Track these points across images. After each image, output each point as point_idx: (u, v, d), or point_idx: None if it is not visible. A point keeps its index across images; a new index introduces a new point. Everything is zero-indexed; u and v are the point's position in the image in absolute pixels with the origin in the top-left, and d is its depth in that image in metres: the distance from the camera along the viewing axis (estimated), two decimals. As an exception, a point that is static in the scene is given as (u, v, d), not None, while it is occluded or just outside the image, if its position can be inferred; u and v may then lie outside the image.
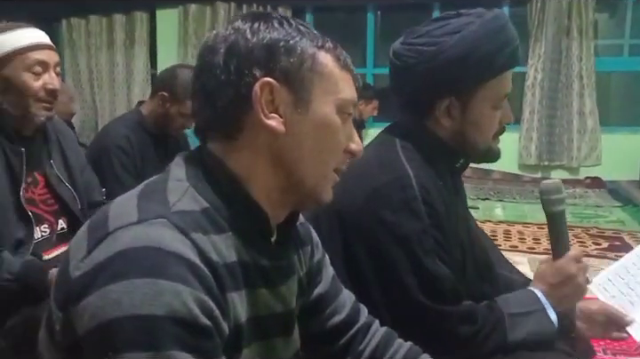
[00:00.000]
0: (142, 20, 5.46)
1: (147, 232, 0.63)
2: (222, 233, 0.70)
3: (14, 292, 1.50)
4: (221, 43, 0.74)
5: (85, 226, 0.72)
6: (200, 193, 0.71)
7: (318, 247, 0.95)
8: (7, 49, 1.58)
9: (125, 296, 0.59)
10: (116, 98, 5.60)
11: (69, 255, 0.69)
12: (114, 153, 2.25)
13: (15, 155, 1.65)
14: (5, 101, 1.62)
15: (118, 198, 0.74)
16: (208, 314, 0.62)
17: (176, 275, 0.61)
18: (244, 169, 0.74)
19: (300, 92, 0.73)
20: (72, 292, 0.63)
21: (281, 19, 0.75)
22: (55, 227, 1.79)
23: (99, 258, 0.63)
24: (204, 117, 0.75)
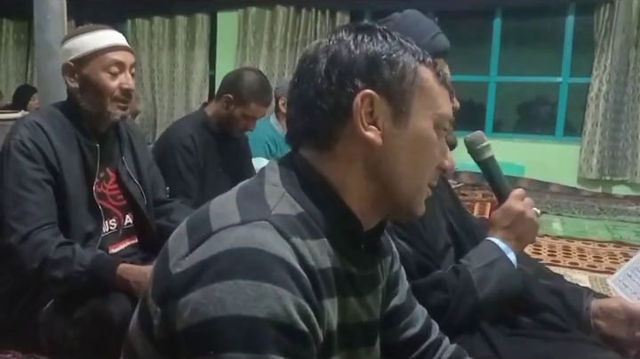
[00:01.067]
0: (203, 22, 5.57)
1: (250, 233, 0.64)
2: (317, 238, 0.70)
3: (84, 284, 1.54)
4: (323, 52, 0.74)
5: (183, 225, 0.73)
6: (295, 198, 0.72)
7: (396, 257, 0.95)
8: (87, 49, 1.64)
9: (229, 296, 0.60)
10: (175, 97, 5.73)
11: (168, 252, 0.70)
12: (179, 152, 2.30)
13: (90, 151, 1.71)
14: (83, 99, 1.68)
15: (216, 199, 0.75)
16: (306, 319, 0.62)
17: (278, 279, 0.61)
18: (337, 177, 0.74)
19: (400, 106, 0.73)
20: (172, 288, 0.65)
21: (384, 32, 0.75)
22: (122, 221, 1.84)
23: (202, 256, 0.64)
24: (301, 125, 0.76)
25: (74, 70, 1.67)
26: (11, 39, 6.35)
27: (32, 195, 1.56)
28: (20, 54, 6.36)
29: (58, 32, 2.42)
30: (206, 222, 0.68)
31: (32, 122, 1.63)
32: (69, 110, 1.72)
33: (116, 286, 1.53)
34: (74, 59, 1.66)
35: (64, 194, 1.63)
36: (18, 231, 1.53)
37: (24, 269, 1.56)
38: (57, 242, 1.55)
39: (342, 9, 5.09)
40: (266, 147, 2.83)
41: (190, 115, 2.61)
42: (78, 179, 1.68)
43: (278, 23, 5.25)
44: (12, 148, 1.58)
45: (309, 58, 0.76)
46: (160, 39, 5.67)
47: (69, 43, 1.68)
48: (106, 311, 1.51)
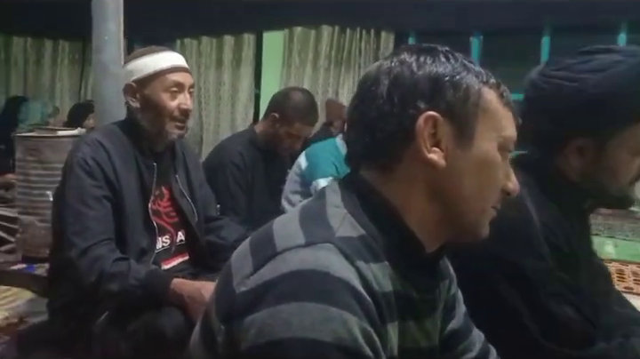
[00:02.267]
0: (249, 42, 5.68)
1: (315, 256, 0.64)
2: (379, 261, 0.70)
3: (138, 298, 1.58)
4: (385, 74, 0.75)
5: (246, 244, 0.75)
6: (357, 220, 0.72)
7: (454, 281, 0.93)
8: (149, 70, 1.70)
9: (295, 318, 0.60)
10: (221, 115, 5.84)
11: (231, 270, 0.71)
12: (229, 169, 2.34)
13: (147, 169, 1.76)
14: (144, 119, 1.73)
15: (278, 219, 0.76)
16: (371, 344, 0.62)
17: (344, 303, 0.61)
18: (399, 199, 0.74)
19: (464, 128, 0.73)
20: (237, 307, 0.65)
21: (447, 54, 0.75)
22: (175, 238, 1.88)
23: (267, 276, 0.65)
24: (362, 146, 0.76)
25: (135, 90, 1.73)
26: (66, 59, 6.60)
27: (92, 212, 1.61)
28: (75, 73, 6.60)
29: (114, 53, 2.51)
30: (270, 243, 0.69)
31: (94, 140, 1.69)
32: (129, 129, 1.77)
33: (169, 301, 1.56)
34: (136, 79, 1.72)
35: (122, 210, 1.68)
36: (77, 246, 1.58)
37: (81, 282, 1.61)
38: (113, 257, 1.59)
39: (387, 28, 5.10)
40: (333, 167, 2.84)
41: (239, 133, 2.66)
42: (135, 196, 1.72)
43: (323, 42, 5.30)
44: (75, 165, 1.64)
45: (370, 79, 0.76)
46: (207, 58, 5.80)
47: (132, 64, 1.75)
48: (159, 325, 1.54)
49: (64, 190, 1.66)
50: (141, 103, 1.73)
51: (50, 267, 1.91)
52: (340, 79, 5.29)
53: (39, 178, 2.71)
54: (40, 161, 2.70)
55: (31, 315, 2.22)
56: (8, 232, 2.88)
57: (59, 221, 1.70)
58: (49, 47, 6.64)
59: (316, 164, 2.84)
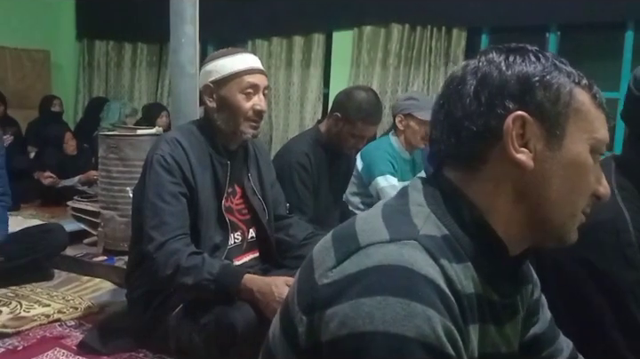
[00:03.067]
0: (319, 42, 5.70)
1: (400, 252, 0.64)
2: (461, 262, 0.69)
3: (211, 291, 1.63)
4: (472, 74, 0.73)
5: (328, 238, 0.74)
6: (440, 219, 0.71)
7: (537, 285, 0.90)
8: (226, 72, 1.75)
9: (378, 311, 0.59)
10: (290, 114, 5.90)
11: (313, 263, 0.72)
12: (295, 169, 2.35)
13: (221, 167, 1.81)
14: (219, 118, 1.78)
15: (361, 215, 0.76)
16: (453, 344, 0.61)
17: (428, 300, 0.61)
18: (484, 200, 0.73)
19: (554, 129, 0.70)
20: (319, 299, 0.66)
21: (537, 53, 0.73)
22: (246, 235, 1.92)
23: (350, 269, 0.65)
24: (446, 145, 0.75)
25: (212, 91, 1.78)
26: (144, 61, 6.88)
27: (169, 207, 1.67)
28: (152, 75, 6.86)
29: (190, 54, 2.60)
30: (353, 237, 0.69)
31: (173, 138, 1.75)
32: (205, 128, 1.83)
33: (240, 295, 1.60)
34: (213, 80, 1.77)
35: (197, 206, 1.73)
36: (155, 239, 1.65)
37: (157, 275, 1.68)
38: (189, 251, 1.65)
39: (459, 25, 4.99)
40: (390, 166, 2.81)
41: (305, 133, 2.67)
42: (210, 193, 1.78)
43: (393, 41, 5.24)
44: (154, 162, 1.71)
45: (457, 79, 0.75)
46: (277, 59, 5.88)
47: (210, 65, 1.80)
48: (230, 318, 1.58)
49: (143, 186, 1.73)
50: (218, 103, 1.78)
51: (129, 260, 2.00)
52: (409, 78, 5.22)
53: (119, 174, 2.84)
54: (120, 158, 2.84)
55: (111, 304, 2.34)
56: (91, 226, 3.04)
57: (138, 215, 1.78)
58: (128, 50, 6.94)
59: (372, 164, 2.82)
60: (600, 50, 5.05)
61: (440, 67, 5.07)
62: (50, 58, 6.93)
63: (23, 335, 2.03)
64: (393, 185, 2.76)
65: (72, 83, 7.26)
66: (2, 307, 2.25)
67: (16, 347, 1.94)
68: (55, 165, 4.70)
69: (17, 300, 2.33)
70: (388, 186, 2.75)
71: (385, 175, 2.77)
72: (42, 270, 2.67)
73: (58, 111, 5.92)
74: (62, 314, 2.22)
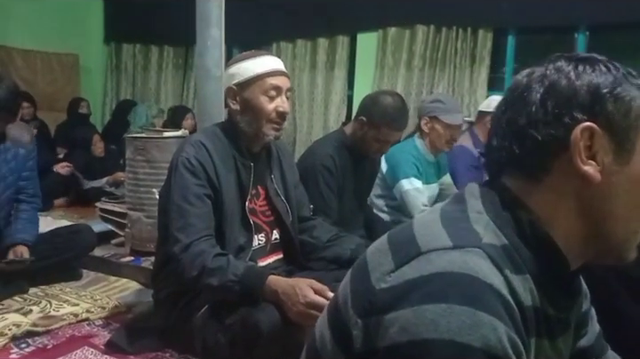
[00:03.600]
0: (343, 44, 5.71)
1: (464, 259, 0.63)
2: (520, 274, 0.67)
3: (235, 293, 1.64)
4: (538, 81, 0.72)
5: (384, 241, 0.74)
6: (500, 228, 0.69)
7: (587, 297, 0.89)
8: (250, 74, 1.77)
9: (443, 319, 0.58)
10: (314, 117, 5.91)
11: (367, 266, 0.71)
12: (320, 171, 2.35)
13: (245, 169, 1.83)
14: (242, 120, 1.80)
15: (418, 220, 0.75)
16: (518, 355, 0.60)
17: (493, 310, 0.59)
18: (545, 211, 0.71)
19: (623, 142, 0.69)
20: (377, 303, 0.65)
21: (607, 64, 0.72)
22: (270, 236, 1.93)
23: (411, 275, 0.64)
24: (508, 153, 0.73)
25: (236, 93, 1.80)
26: (170, 63, 6.97)
27: (194, 209, 1.69)
28: (178, 77, 6.95)
29: (216, 57, 2.62)
30: (413, 242, 0.68)
31: (197, 141, 1.77)
32: (228, 130, 1.85)
33: (264, 296, 1.61)
34: (236, 83, 1.79)
35: (221, 208, 1.75)
36: (181, 241, 1.67)
37: (183, 276, 1.69)
38: (214, 252, 1.66)
39: (485, 26, 4.94)
40: (414, 168, 2.79)
41: (330, 135, 2.66)
42: (234, 195, 1.79)
43: (417, 42, 5.22)
44: (180, 165, 1.73)
45: (522, 86, 0.73)
46: (302, 61, 5.90)
47: (233, 68, 1.82)
48: (254, 320, 1.59)
49: (169, 188, 1.76)
50: (241, 106, 1.80)
51: (155, 261, 2.03)
52: (434, 80, 5.18)
53: (146, 176, 2.88)
54: (147, 160, 2.88)
55: (138, 304, 2.37)
56: (118, 226, 3.09)
57: (164, 217, 1.80)
58: (155, 53, 7.04)
59: (396, 166, 2.80)
60: (630, 50, 4.94)
61: (465, 68, 5.03)
62: (79, 61, 7.06)
63: (53, 334, 2.07)
64: (417, 188, 2.75)
65: (100, 86, 7.39)
66: (32, 305, 2.30)
67: (46, 345, 1.98)
68: (83, 167, 4.79)
69: (47, 300, 2.37)
70: (413, 189, 2.73)
71: (409, 178, 2.75)
72: (70, 270, 2.71)
73: (85, 113, 6.02)
74: (90, 313, 2.25)
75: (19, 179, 2.54)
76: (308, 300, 1.53)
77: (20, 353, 1.92)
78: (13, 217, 2.55)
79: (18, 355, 1.91)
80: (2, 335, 2.00)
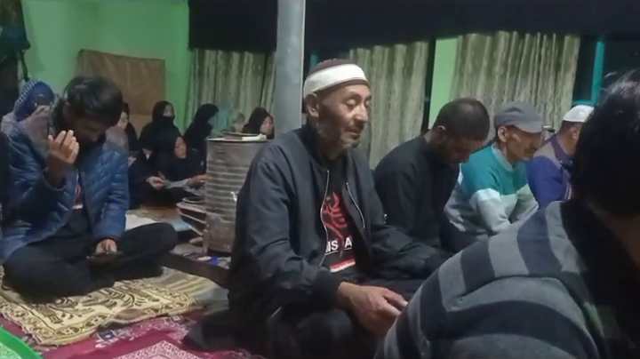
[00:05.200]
0: (421, 50, 5.65)
1: (540, 289, 0.60)
2: (601, 305, 0.63)
3: (308, 297, 1.66)
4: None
5: (457, 261, 0.72)
6: (582, 255, 0.65)
7: None
8: (330, 82, 1.79)
9: (515, 351, 0.56)
10: (390, 123, 5.89)
11: (439, 286, 0.70)
12: (399, 179, 2.32)
13: (321, 176, 1.85)
14: (321, 128, 1.83)
15: (495, 241, 0.72)
16: None
17: (570, 346, 0.57)
18: (634, 246, 0.65)
19: None
20: (447, 326, 0.64)
21: None
22: (343, 243, 1.95)
23: (483, 300, 0.62)
24: (597, 181, 0.66)
25: (316, 101, 1.83)
26: (250, 69, 7.17)
27: (270, 213, 1.73)
28: (257, 83, 7.13)
29: (295, 65, 2.67)
30: (487, 265, 0.66)
31: (276, 147, 1.82)
32: (306, 137, 1.88)
33: (336, 302, 1.62)
34: (317, 90, 1.82)
35: (296, 213, 1.78)
36: (257, 243, 1.72)
37: (258, 277, 1.74)
38: (288, 256, 1.70)
39: (572, 32, 4.73)
40: (491, 178, 2.72)
41: (410, 143, 2.63)
42: (309, 200, 1.82)
43: (499, 49, 5.08)
44: (258, 169, 1.78)
45: (623, 104, 0.64)
46: (379, 67, 5.90)
47: (315, 75, 1.85)
48: (326, 325, 1.60)
49: (248, 191, 1.81)
50: (320, 113, 1.82)
51: (231, 261, 2.09)
52: (516, 87, 5.03)
53: (225, 179, 2.97)
54: (227, 163, 2.97)
55: (214, 303, 2.44)
56: (197, 226, 3.20)
57: (241, 219, 1.85)
58: (236, 59, 7.26)
59: (473, 177, 2.73)
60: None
61: (549, 76, 4.85)
62: (165, 66, 7.40)
63: (134, 326, 2.17)
64: (494, 198, 2.68)
65: (183, 91, 7.70)
66: (116, 299, 2.43)
67: (128, 337, 2.09)
68: (166, 168, 5.00)
69: (130, 294, 2.50)
70: (489, 199, 2.66)
71: (486, 188, 2.68)
72: (152, 266, 2.84)
73: (170, 116, 6.29)
74: (169, 309, 2.35)
75: (112, 180, 2.70)
76: (381, 309, 1.53)
77: (104, 343, 2.03)
78: (103, 214, 2.70)
79: (102, 344, 2.02)
80: (88, 325, 2.13)
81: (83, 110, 2.38)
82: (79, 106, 2.38)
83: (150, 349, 1.96)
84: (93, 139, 2.52)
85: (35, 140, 2.46)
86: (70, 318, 2.19)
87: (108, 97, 2.40)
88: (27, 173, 2.45)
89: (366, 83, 1.84)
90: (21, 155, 2.46)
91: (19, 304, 2.32)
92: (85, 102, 2.37)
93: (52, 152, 2.28)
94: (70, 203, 2.54)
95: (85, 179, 2.58)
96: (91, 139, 2.50)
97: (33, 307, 2.28)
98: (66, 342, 1.99)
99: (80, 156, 2.39)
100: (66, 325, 2.12)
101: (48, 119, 2.54)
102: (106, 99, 2.39)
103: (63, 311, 2.26)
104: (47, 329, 2.08)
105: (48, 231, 2.52)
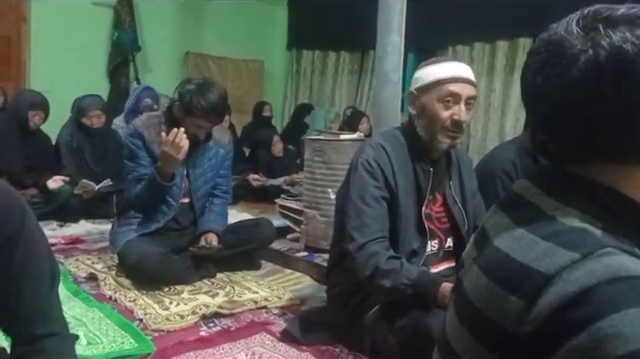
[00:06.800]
0: (525, 46, 5.43)
1: (608, 263, 0.59)
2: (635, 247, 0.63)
3: (407, 296, 1.64)
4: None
5: (484, 281, 0.68)
6: (592, 215, 0.66)
7: None
8: (430, 79, 1.75)
9: (628, 328, 0.55)
10: (490, 122, 5.70)
11: (489, 316, 0.66)
12: (499, 177, 2.24)
13: (423, 174, 1.82)
14: (419, 126, 1.80)
15: (504, 244, 0.70)
16: None
17: None
18: (634, 189, 0.68)
19: None
20: (529, 348, 0.61)
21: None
22: (443, 243, 1.91)
23: (556, 303, 0.59)
24: (574, 138, 0.68)
25: (415, 98, 1.80)
26: (346, 68, 7.22)
27: (370, 210, 1.73)
28: (353, 82, 7.16)
29: (395, 62, 2.66)
30: (528, 270, 0.63)
31: (377, 143, 1.81)
32: (408, 134, 1.85)
33: (437, 303, 1.59)
34: (417, 87, 1.79)
35: (397, 211, 1.77)
36: (356, 240, 1.72)
37: (356, 274, 1.74)
38: (387, 254, 1.69)
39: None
40: None
41: (512, 140, 2.53)
42: (410, 198, 1.80)
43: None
44: (359, 166, 1.78)
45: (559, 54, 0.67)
46: (479, 65, 5.72)
47: (418, 72, 1.82)
48: (426, 325, 1.58)
49: (347, 188, 1.81)
50: (418, 110, 1.79)
51: (330, 257, 2.11)
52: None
53: (322, 176, 3.01)
54: (324, 161, 3.00)
55: (311, 298, 2.48)
56: (295, 223, 3.27)
57: (341, 215, 1.86)
58: (332, 58, 7.33)
59: None
60: None
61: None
62: (264, 67, 7.61)
63: (235, 317, 2.25)
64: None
65: (281, 90, 7.89)
66: (218, 289, 2.53)
67: (230, 327, 2.17)
68: (264, 165, 5.15)
69: (231, 285, 2.59)
70: None
71: None
72: (251, 260, 2.93)
73: (268, 116, 6.47)
74: (268, 301, 2.41)
75: (216, 176, 2.83)
76: None
77: (208, 331, 2.12)
78: (207, 209, 2.83)
79: (206, 332, 2.11)
80: (193, 313, 2.23)
81: (192, 109, 2.51)
82: (188, 105, 2.51)
83: (250, 340, 2.03)
84: (201, 136, 2.64)
85: (148, 137, 2.61)
86: (177, 306, 2.31)
87: (215, 97, 2.51)
88: (139, 168, 2.62)
89: (470, 82, 1.76)
90: (135, 150, 2.62)
91: (131, 290, 2.48)
92: (194, 102, 2.49)
93: (164, 148, 2.42)
94: (178, 196, 2.68)
95: (192, 175, 2.71)
96: (199, 136, 2.63)
97: (143, 294, 2.43)
98: (173, 328, 2.10)
99: (188, 153, 2.52)
100: (173, 312, 2.24)
101: (160, 117, 2.70)
102: (213, 99, 2.51)
103: (170, 299, 2.39)
104: (156, 315, 2.21)
105: (157, 223, 2.68)
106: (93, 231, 3.63)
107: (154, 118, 2.75)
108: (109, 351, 1.87)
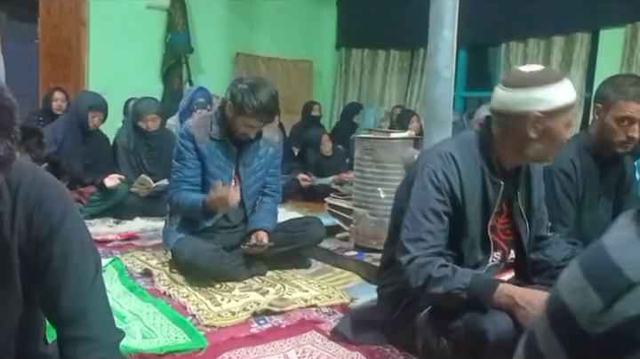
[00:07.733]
0: (582, 42, 5.24)
1: None
2: None
3: (462, 301, 1.60)
4: None
5: (578, 275, 0.66)
6: None
7: None
8: (559, 103, 1.61)
9: None
10: (544, 120, 5.54)
11: (569, 309, 0.64)
12: (557, 177, 2.18)
13: (493, 186, 1.73)
14: (531, 147, 1.68)
15: (612, 240, 0.67)
16: None
17: None
18: None
19: None
20: (601, 351, 0.60)
21: None
22: (506, 256, 1.84)
23: (632, 311, 0.58)
24: None
25: (540, 120, 1.63)
26: (395, 67, 7.16)
27: (429, 224, 1.66)
28: (402, 80, 7.10)
29: (447, 59, 2.60)
30: (617, 271, 0.61)
31: (447, 153, 1.71)
32: (483, 145, 1.75)
33: (494, 304, 1.55)
34: (544, 110, 1.61)
35: (462, 223, 1.70)
36: (409, 253, 1.66)
37: (408, 285, 1.68)
38: (439, 263, 1.63)
39: None
40: None
41: (572, 139, 2.44)
42: (477, 212, 1.72)
43: (675, 36, 4.56)
44: (425, 175, 1.69)
45: None
46: (534, 61, 5.55)
47: (538, 92, 1.61)
48: (481, 327, 1.53)
49: (408, 191, 1.75)
50: (540, 133, 1.65)
51: (382, 256, 2.08)
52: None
53: (372, 175, 2.99)
54: (374, 160, 2.98)
55: (361, 297, 2.46)
56: (344, 222, 3.26)
57: (398, 216, 1.81)
58: (382, 57, 7.29)
59: None
60: None
61: None
62: (312, 67, 7.64)
63: (286, 315, 2.26)
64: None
65: (329, 90, 7.90)
66: (269, 287, 2.54)
67: (280, 324, 2.18)
68: (313, 165, 5.17)
69: (281, 283, 2.61)
70: None
71: None
72: (301, 258, 2.94)
73: (317, 115, 6.49)
74: (318, 300, 2.41)
75: (266, 175, 2.85)
76: None
77: (258, 328, 2.14)
78: (257, 207, 2.86)
79: (257, 329, 2.12)
80: (245, 310, 2.26)
81: (243, 109, 2.53)
82: (240, 105, 2.54)
83: (301, 338, 2.03)
84: (252, 135, 2.67)
85: (198, 137, 2.66)
86: (228, 302, 2.34)
87: (266, 97, 2.53)
88: (185, 169, 2.67)
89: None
90: (184, 151, 2.67)
91: (184, 286, 2.53)
92: (246, 101, 2.51)
93: (215, 201, 2.52)
94: (229, 195, 2.72)
95: (243, 173, 2.74)
96: (249, 135, 2.65)
97: (196, 290, 2.47)
98: (224, 324, 2.13)
99: (239, 152, 2.54)
100: (224, 309, 2.27)
101: (212, 117, 2.74)
102: (264, 98, 2.52)
103: (222, 295, 2.42)
104: (209, 311, 2.24)
105: (207, 222, 2.73)
106: (148, 228, 3.73)
107: (206, 118, 2.79)
108: (164, 345, 1.91)
